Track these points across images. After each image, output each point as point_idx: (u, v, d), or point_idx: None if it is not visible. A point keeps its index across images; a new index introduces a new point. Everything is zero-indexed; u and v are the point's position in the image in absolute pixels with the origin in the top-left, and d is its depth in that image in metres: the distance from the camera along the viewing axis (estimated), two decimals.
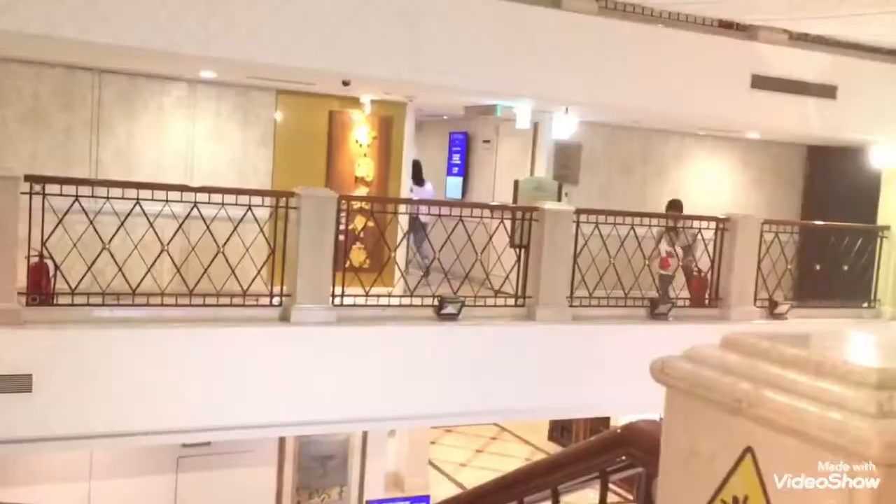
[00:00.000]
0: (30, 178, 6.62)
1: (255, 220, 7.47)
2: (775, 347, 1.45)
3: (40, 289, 6.80)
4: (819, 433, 1.24)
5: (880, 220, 11.19)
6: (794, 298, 10.46)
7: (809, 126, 10.57)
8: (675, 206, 11.44)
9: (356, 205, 9.28)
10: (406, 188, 11.14)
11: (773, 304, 9.96)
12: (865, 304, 10.99)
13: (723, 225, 9.77)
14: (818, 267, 10.67)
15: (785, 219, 12.39)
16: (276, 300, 7.56)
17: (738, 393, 1.40)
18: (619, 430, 2.26)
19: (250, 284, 7.48)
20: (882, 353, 1.43)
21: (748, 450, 1.38)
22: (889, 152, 10.98)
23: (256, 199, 7.70)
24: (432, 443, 13.51)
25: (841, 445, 1.21)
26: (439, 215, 8.41)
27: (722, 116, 10.42)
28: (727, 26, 9.76)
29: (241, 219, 7.45)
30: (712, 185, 13.30)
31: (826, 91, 10.29)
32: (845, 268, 10.57)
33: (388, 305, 8.16)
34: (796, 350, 1.42)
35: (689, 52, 9.52)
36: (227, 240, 7.38)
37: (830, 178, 13.17)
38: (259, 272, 7.59)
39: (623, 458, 2.26)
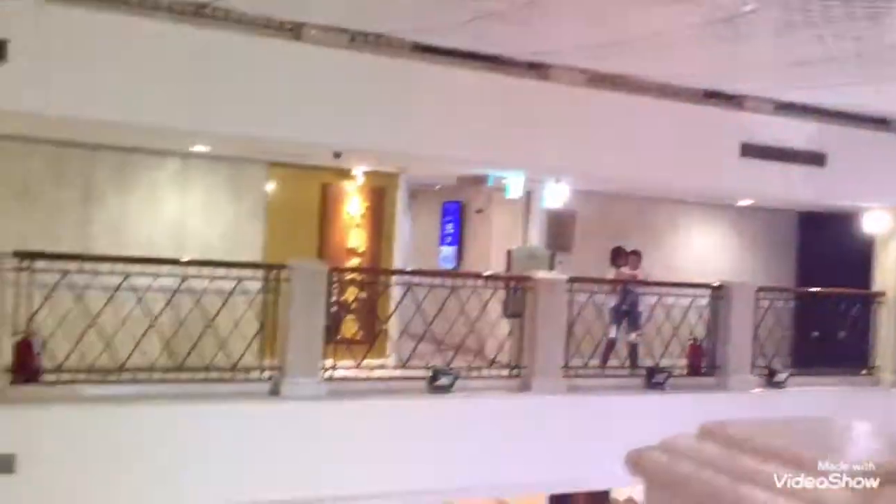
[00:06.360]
0: (18, 254, 6.60)
1: (246, 292, 7.43)
2: (754, 439, 1.39)
3: (26, 366, 6.70)
4: None
5: (876, 286, 11.13)
6: (792, 366, 10.34)
7: (798, 193, 10.61)
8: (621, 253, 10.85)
9: (348, 276, 9.27)
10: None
11: (770, 373, 9.85)
12: (864, 371, 10.86)
13: (717, 293, 9.74)
14: (815, 334, 10.60)
15: (780, 285, 12.33)
16: (265, 374, 7.45)
17: (714, 488, 1.34)
18: None
19: (240, 359, 7.38)
20: (862, 448, 1.37)
21: None
22: (880, 218, 11.00)
23: (247, 272, 7.66)
24: None
25: None
26: (430, 286, 8.37)
27: (712, 184, 10.46)
28: (713, 96, 9.86)
29: (232, 291, 7.41)
30: (706, 252, 13.28)
31: (815, 159, 10.34)
32: (842, 334, 10.50)
33: (381, 378, 8.06)
34: (776, 442, 1.36)
35: (679, 121, 9.58)
36: (217, 313, 7.32)
37: (823, 244, 13.16)
38: (249, 345, 7.51)
39: None
